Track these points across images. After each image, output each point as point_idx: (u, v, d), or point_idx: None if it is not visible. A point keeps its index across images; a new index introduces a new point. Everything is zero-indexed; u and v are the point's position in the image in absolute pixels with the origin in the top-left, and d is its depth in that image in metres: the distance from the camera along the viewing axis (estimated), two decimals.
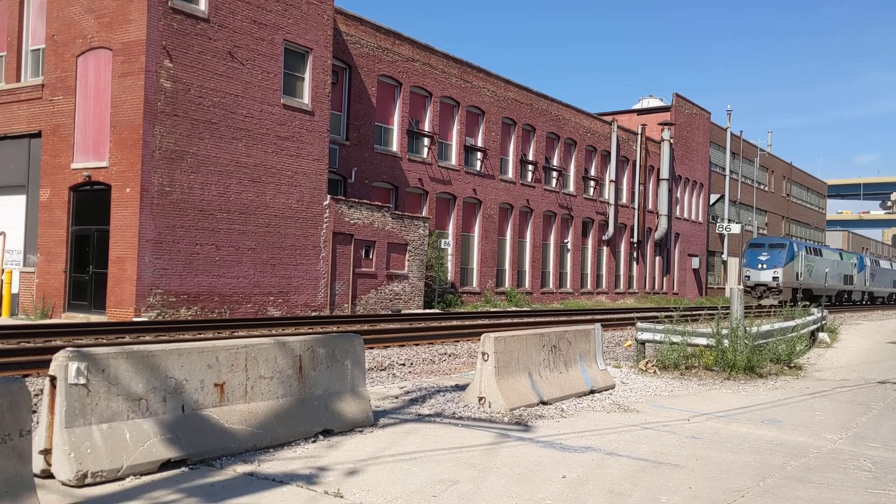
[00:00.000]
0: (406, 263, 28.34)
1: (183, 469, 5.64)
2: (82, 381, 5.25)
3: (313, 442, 6.71)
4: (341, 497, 5.22)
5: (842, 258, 55.15)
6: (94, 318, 19.81)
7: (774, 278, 43.45)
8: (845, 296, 55.44)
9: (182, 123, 20.41)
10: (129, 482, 5.30)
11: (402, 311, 27.16)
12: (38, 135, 21.89)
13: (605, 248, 45.47)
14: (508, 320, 23.60)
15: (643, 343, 13.70)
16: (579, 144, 42.56)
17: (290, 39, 23.44)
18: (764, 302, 41.83)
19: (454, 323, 21.40)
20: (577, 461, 6.48)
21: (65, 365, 5.21)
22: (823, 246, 59.28)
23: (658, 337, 13.27)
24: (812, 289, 49.05)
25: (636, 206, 48.17)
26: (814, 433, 8.23)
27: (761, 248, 45.16)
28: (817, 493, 5.82)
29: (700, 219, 56.35)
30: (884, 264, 65.83)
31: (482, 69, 35.14)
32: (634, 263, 48.61)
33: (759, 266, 44.08)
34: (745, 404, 9.93)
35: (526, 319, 24.21)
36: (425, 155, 32.25)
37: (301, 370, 6.92)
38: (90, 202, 20.88)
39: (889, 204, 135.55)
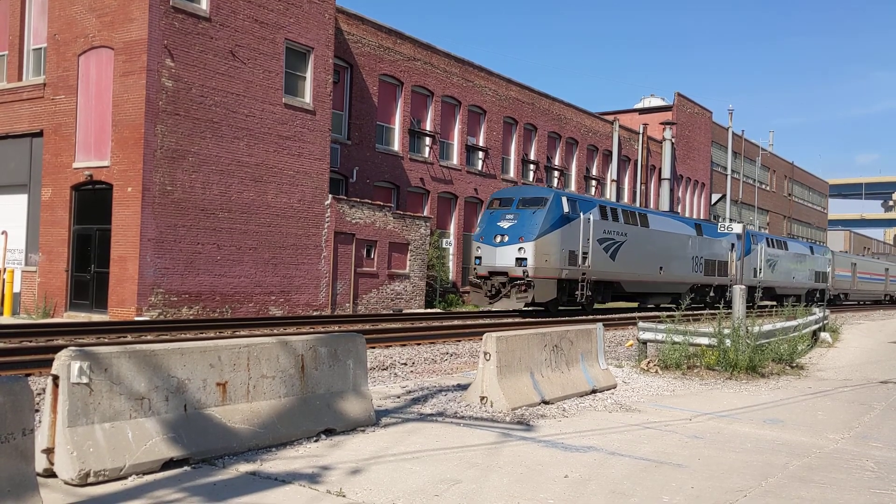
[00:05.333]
0: (407, 263, 28.34)
1: (185, 468, 5.64)
2: (85, 380, 5.25)
3: (315, 441, 6.71)
4: (344, 496, 5.22)
5: (812, 253, 48.39)
6: (96, 317, 19.83)
7: (520, 261, 24.62)
8: (817, 294, 47.53)
9: (183, 123, 20.42)
10: (131, 481, 5.30)
11: (404, 311, 27.15)
12: (40, 134, 21.90)
13: None
14: (510, 320, 23.58)
15: (645, 343, 13.69)
16: (581, 144, 42.54)
17: (291, 39, 23.44)
18: (501, 305, 24.99)
19: (456, 322, 21.39)
20: (580, 461, 6.48)
21: (67, 364, 5.21)
22: (790, 239, 50.89)
23: (660, 336, 13.26)
24: (775, 287, 41.87)
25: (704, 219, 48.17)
26: (816, 433, 8.22)
27: (505, 209, 26.23)
28: (820, 493, 5.81)
29: (702, 218, 56.33)
30: (866, 262, 61.57)
31: (484, 68, 35.13)
32: None
33: (497, 239, 25.37)
34: (747, 404, 9.92)
35: (527, 319, 24.19)
36: (427, 154, 32.24)
37: (303, 369, 6.92)
38: (92, 201, 20.89)
39: (890, 204, 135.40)
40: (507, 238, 25.09)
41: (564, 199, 25.95)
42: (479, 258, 25.59)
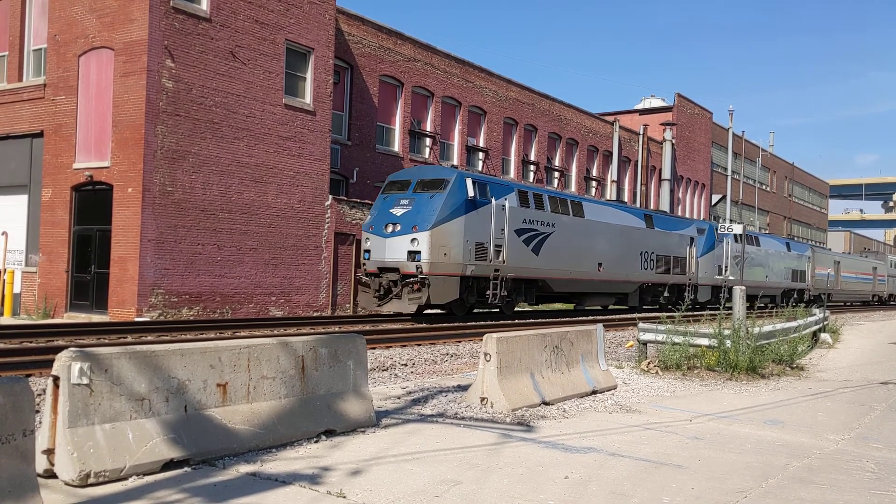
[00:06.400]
0: None
1: (186, 469, 5.65)
2: (85, 381, 5.25)
3: (316, 442, 6.71)
4: (344, 497, 5.22)
5: (789, 249, 44.90)
6: (96, 317, 19.83)
7: (413, 255, 20.60)
8: (794, 295, 42.43)
9: (184, 123, 20.42)
10: (131, 482, 5.30)
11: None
12: (41, 134, 21.91)
13: None
14: (511, 320, 23.56)
15: (645, 343, 13.69)
16: (581, 144, 42.55)
17: (291, 39, 23.44)
18: (392, 308, 21.12)
19: (456, 323, 21.37)
20: (580, 462, 6.48)
21: (68, 365, 5.21)
22: (764, 234, 46.54)
23: (660, 337, 13.26)
24: (746, 286, 39.22)
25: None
26: (816, 434, 8.22)
27: (401, 193, 21.98)
28: (820, 494, 5.81)
29: (702, 219, 56.34)
30: (851, 261, 57.65)
31: (484, 69, 35.14)
32: None
33: (388, 228, 21.19)
34: (747, 405, 9.92)
35: (528, 320, 24.18)
36: (427, 155, 32.24)
37: (303, 370, 6.92)
38: (92, 202, 20.90)
39: (891, 204, 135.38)
40: (399, 227, 21.02)
41: (470, 182, 21.71)
42: (368, 252, 21.57)
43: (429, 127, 32.40)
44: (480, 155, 35.23)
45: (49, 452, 5.16)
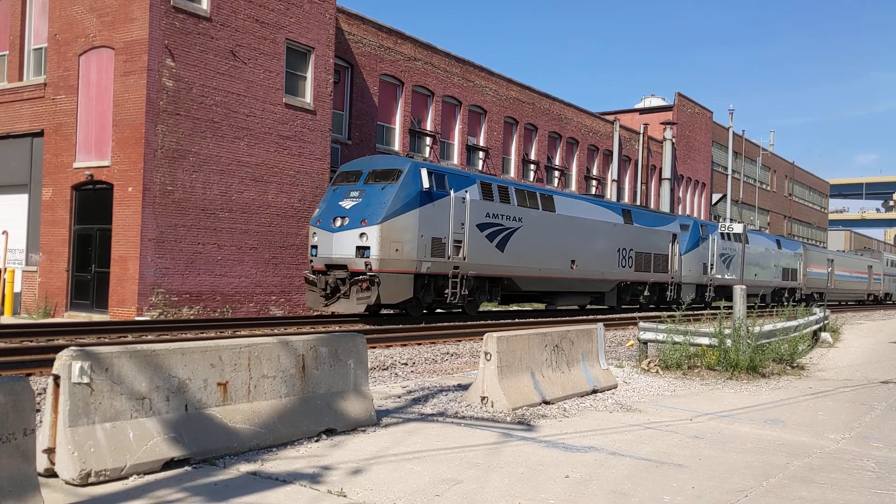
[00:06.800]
0: None
1: (186, 468, 5.65)
2: (86, 380, 5.25)
3: (316, 441, 6.71)
4: (344, 496, 5.22)
5: (780, 247, 43.47)
6: (97, 317, 19.83)
7: (362, 251, 19.26)
8: (785, 294, 40.89)
9: (184, 122, 20.42)
10: (132, 481, 5.30)
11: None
12: (41, 134, 21.91)
13: None
14: (511, 319, 23.57)
15: (645, 343, 13.69)
16: (581, 144, 42.54)
17: (292, 38, 23.44)
18: (340, 308, 19.74)
19: (456, 322, 21.38)
20: (580, 461, 6.48)
21: (68, 364, 5.21)
22: (753, 231, 44.91)
23: (660, 336, 13.26)
24: (730, 285, 35.52)
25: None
26: (817, 433, 8.22)
27: (352, 184, 20.66)
28: (821, 494, 5.81)
29: (702, 218, 56.33)
30: (845, 259, 56.03)
31: (484, 68, 35.13)
32: None
33: (337, 222, 19.84)
34: (747, 404, 9.92)
35: (528, 319, 24.18)
36: (427, 154, 32.24)
37: (304, 369, 6.92)
38: (92, 201, 20.90)
39: (891, 204, 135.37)
40: (347, 221, 19.57)
41: (425, 172, 20.24)
42: (316, 247, 20.14)
43: (429, 126, 32.39)
44: (481, 154, 35.22)
45: (50, 451, 5.16)
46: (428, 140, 32.36)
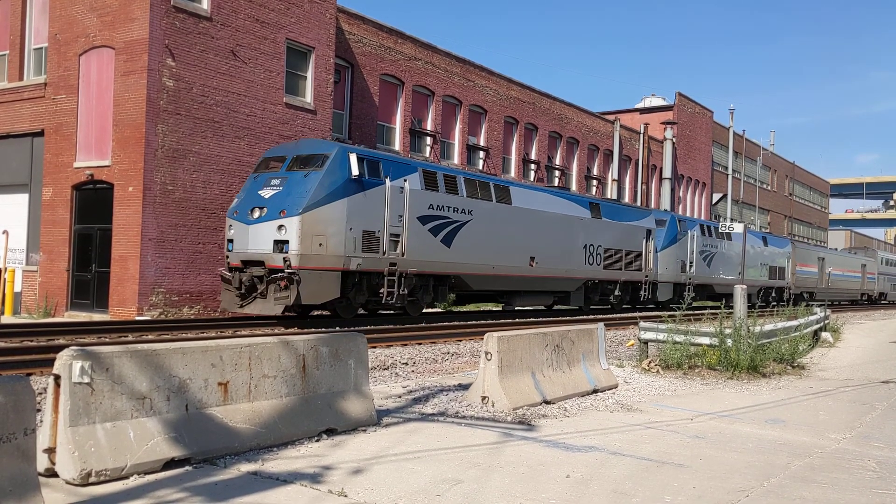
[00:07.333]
0: None
1: (187, 468, 5.64)
2: (86, 379, 5.25)
3: (317, 441, 6.70)
4: (345, 496, 5.22)
5: (766, 244, 41.63)
6: (97, 316, 19.82)
7: (280, 245, 17.34)
8: (773, 294, 40.35)
9: (184, 122, 20.42)
10: (132, 481, 5.30)
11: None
12: (41, 133, 21.90)
13: None
14: (511, 319, 23.56)
15: (646, 342, 13.69)
16: (582, 143, 42.53)
17: (292, 38, 23.43)
18: (255, 309, 17.62)
19: (457, 322, 21.38)
20: (581, 460, 6.47)
21: (69, 364, 5.21)
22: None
23: (661, 336, 13.26)
24: (712, 284, 35.16)
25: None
26: (818, 433, 8.21)
27: (273, 171, 18.67)
28: (822, 493, 5.81)
29: (703, 218, 56.31)
30: (837, 257, 53.95)
31: (485, 68, 35.11)
32: None
33: (255, 213, 17.85)
34: (748, 404, 9.92)
35: (529, 318, 24.17)
36: (427, 154, 32.23)
37: (304, 369, 6.92)
38: (93, 201, 20.90)
39: (891, 203, 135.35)
40: (265, 212, 17.55)
41: (354, 158, 18.11)
42: (231, 241, 18.10)
43: (429, 126, 32.38)
44: (481, 154, 35.22)
45: (50, 451, 5.16)
46: (428, 140, 32.35)
